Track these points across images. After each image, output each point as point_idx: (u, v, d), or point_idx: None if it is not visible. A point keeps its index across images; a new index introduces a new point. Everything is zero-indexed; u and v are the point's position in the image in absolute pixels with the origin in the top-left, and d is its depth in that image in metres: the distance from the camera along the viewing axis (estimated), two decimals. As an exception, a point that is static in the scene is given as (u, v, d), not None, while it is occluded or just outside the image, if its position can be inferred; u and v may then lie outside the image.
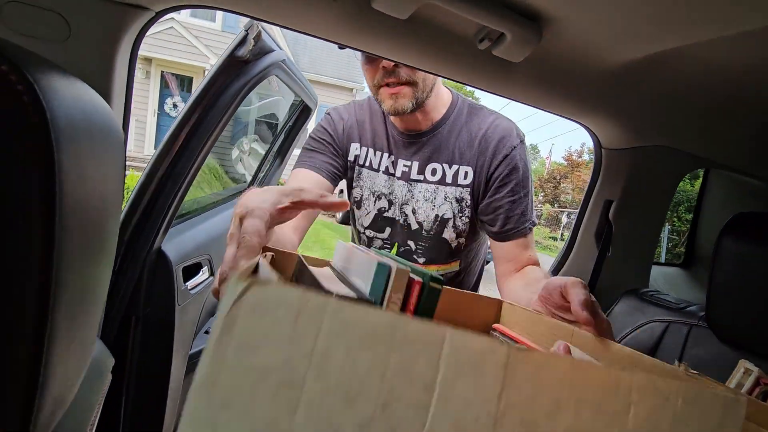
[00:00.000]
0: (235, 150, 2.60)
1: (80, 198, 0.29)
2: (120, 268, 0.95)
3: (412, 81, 0.87)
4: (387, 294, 0.40)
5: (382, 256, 0.52)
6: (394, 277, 0.40)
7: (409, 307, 0.41)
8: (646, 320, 1.11)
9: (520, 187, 0.94)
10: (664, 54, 0.77)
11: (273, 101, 2.13)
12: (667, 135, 1.07)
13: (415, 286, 0.41)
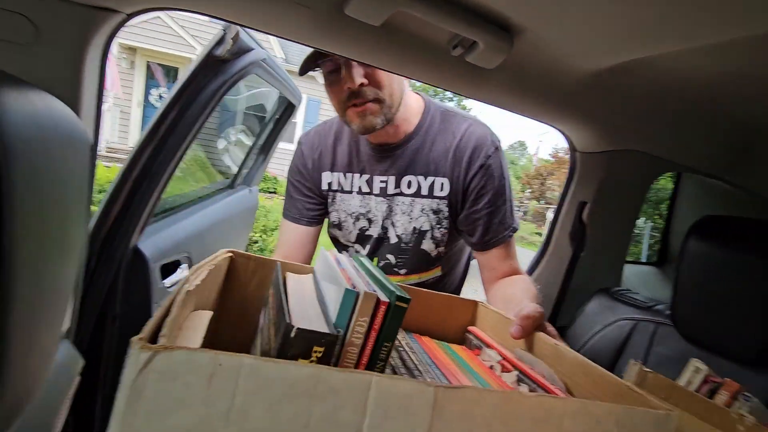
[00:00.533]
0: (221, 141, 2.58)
1: (35, 208, 0.29)
2: (95, 267, 0.95)
3: (379, 98, 0.86)
4: (353, 318, 0.41)
5: (359, 268, 0.54)
6: (360, 303, 0.41)
7: (374, 327, 0.42)
8: (616, 318, 1.15)
9: (498, 196, 0.93)
10: (632, 63, 0.79)
11: (263, 92, 2.11)
12: (638, 140, 1.10)
13: (381, 307, 0.42)
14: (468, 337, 0.75)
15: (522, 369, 0.58)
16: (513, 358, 0.62)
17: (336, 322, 0.43)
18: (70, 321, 0.72)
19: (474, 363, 0.65)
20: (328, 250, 0.63)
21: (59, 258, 0.37)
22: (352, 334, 0.42)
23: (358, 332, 0.42)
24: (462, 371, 0.60)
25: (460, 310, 0.77)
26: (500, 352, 0.64)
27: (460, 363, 0.64)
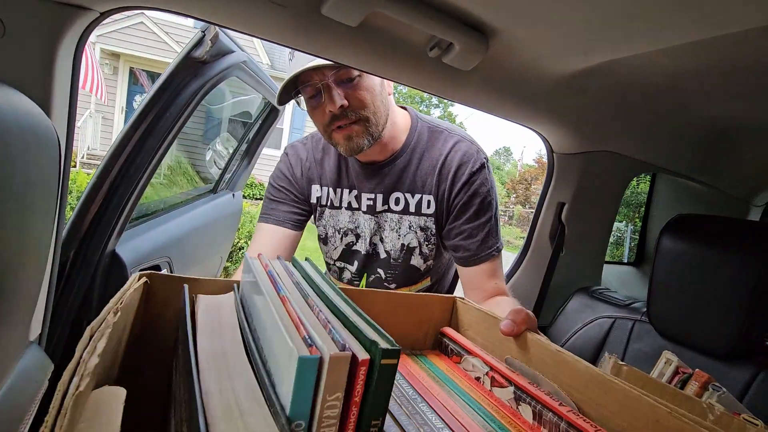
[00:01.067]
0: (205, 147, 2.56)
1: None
2: (70, 272, 0.93)
3: (363, 118, 0.84)
4: (319, 401, 0.29)
5: (307, 287, 0.43)
6: (327, 374, 0.29)
7: (354, 400, 0.31)
8: (595, 317, 1.17)
9: (482, 213, 0.91)
10: (604, 65, 0.81)
11: (248, 99, 2.10)
12: (613, 141, 1.12)
13: (360, 369, 0.30)
14: (442, 341, 0.69)
15: (519, 384, 0.52)
16: (503, 368, 0.56)
17: (291, 411, 0.29)
18: (41, 326, 0.71)
19: (457, 376, 0.59)
20: (253, 256, 0.52)
21: (18, 260, 0.36)
22: (320, 427, 0.30)
23: (328, 421, 0.30)
24: (446, 393, 0.53)
25: (437, 310, 0.75)
26: (486, 361, 0.58)
27: (441, 380, 0.57)
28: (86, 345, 0.36)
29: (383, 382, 0.31)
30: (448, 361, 0.66)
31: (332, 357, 0.29)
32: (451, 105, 34.21)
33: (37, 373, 0.56)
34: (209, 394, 0.30)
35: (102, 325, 0.39)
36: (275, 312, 0.35)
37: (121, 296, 0.45)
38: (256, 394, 0.31)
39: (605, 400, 0.51)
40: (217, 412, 0.29)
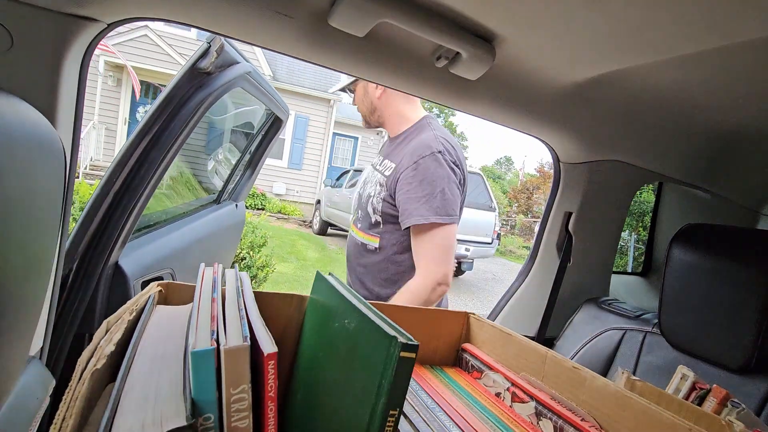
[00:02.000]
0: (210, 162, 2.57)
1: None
2: (72, 284, 0.92)
3: (360, 111, 1.31)
4: (224, 390, 0.29)
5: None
6: (225, 365, 0.29)
7: (268, 395, 0.31)
8: (605, 328, 1.15)
9: (418, 188, 1.08)
10: (612, 75, 0.81)
11: (250, 110, 2.11)
12: (620, 150, 1.12)
13: (267, 363, 0.30)
14: (463, 357, 0.69)
15: (540, 399, 0.52)
16: (524, 383, 0.56)
17: (197, 403, 0.29)
18: (42, 340, 0.69)
19: (477, 391, 0.59)
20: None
21: (23, 272, 0.35)
22: (230, 421, 0.29)
23: (239, 414, 0.29)
24: (465, 405, 0.54)
25: (449, 325, 0.75)
26: (507, 377, 0.58)
27: (460, 393, 0.58)
28: (103, 335, 0.39)
29: (401, 374, 0.34)
30: (467, 376, 0.66)
31: (227, 350, 0.29)
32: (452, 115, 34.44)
33: (38, 390, 0.54)
34: (130, 391, 0.31)
35: (119, 321, 0.42)
36: (197, 310, 0.37)
37: (137, 299, 0.48)
38: (178, 386, 0.32)
39: (623, 417, 0.49)
40: (132, 404, 0.29)
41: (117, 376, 0.40)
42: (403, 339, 0.35)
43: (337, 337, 0.48)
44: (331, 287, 0.55)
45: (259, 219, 4.79)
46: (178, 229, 1.40)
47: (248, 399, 0.30)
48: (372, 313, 0.44)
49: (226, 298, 0.44)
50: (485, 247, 6.47)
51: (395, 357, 0.35)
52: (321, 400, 0.48)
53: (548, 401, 0.54)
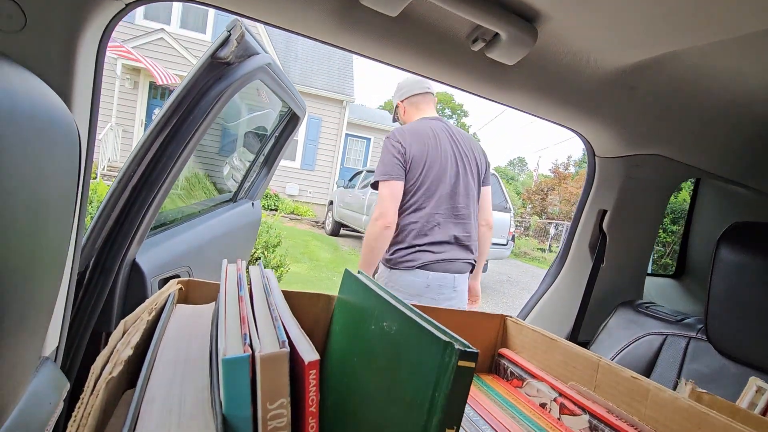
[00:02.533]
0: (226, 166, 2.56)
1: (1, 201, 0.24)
2: (89, 281, 0.89)
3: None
4: (260, 404, 0.25)
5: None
6: (261, 375, 0.25)
7: (309, 410, 0.27)
8: (643, 333, 1.08)
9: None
10: (659, 58, 0.75)
11: (263, 114, 2.10)
12: (660, 143, 1.05)
13: (309, 373, 0.26)
14: (500, 363, 0.64)
15: (595, 412, 0.47)
16: (575, 394, 0.51)
17: (228, 418, 0.24)
18: (57, 339, 0.66)
19: (520, 401, 0.54)
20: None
21: (31, 267, 0.31)
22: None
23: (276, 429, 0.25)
24: (510, 417, 0.49)
25: (484, 328, 0.70)
26: (553, 386, 0.53)
27: (502, 403, 0.53)
28: (120, 337, 0.36)
29: (459, 386, 0.29)
30: (506, 384, 0.60)
31: (264, 357, 0.24)
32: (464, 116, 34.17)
33: (52, 393, 0.50)
34: (151, 401, 0.27)
35: (137, 322, 0.39)
36: (223, 310, 0.33)
37: (156, 298, 0.45)
38: (204, 398, 0.28)
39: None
40: (152, 418, 0.26)
41: (135, 382, 0.36)
42: (460, 345, 0.31)
43: (375, 341, 0.44)
44: (363, 286, 0.51)
45: (274, 219, 4.79)
46: (195, 227, 1.37)
47: (287, 415, 0.26)
48: (416, 315, 0.39)
49: (253, 296, 0.40)
50: (500, 248, 6.36)
51: (452, 366, 0.30)
52: (357, 410, 0.43)
53: (605, 415, 0.49)
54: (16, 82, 0.29)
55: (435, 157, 1.55)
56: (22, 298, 0.31)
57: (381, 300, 0.45)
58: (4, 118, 0.25)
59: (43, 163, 0.32)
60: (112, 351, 0.32)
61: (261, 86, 1.25)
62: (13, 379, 0.34)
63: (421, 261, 1.53)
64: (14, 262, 0.28)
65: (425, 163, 1.54)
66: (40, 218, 0.31)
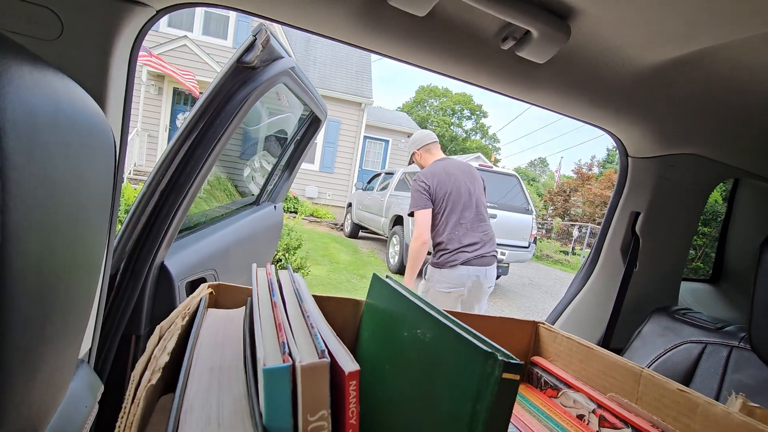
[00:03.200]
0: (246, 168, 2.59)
1: (40, 202, 0.24)
2: (119, 284, 0.91)
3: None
4: (300, 416, 0.24)
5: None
6: (302, 386, 0.23)
7: (349, 422, 0.26)
8: (680, 341, 1.03)
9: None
10: (697, 54, 0.71)
11: (284, 118, 2.12)
12: (697, 142, 1.00)
13: (349, 384, 0.25)
14: (533, 371, 0.62)
15: (638, 425, 0.44)
16: (614, 406, 0.49)
17: (269, 424, 0.24)
18: (90, 342, 0.67)
19: (555, 412, 0.52)
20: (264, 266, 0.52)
21: (71, 272, 0.31)
22: None
23: None
24: (546, 429, 0.47)
25: (515, 334, 0.68)
26: (592, 397, 0.51)
27: (537, 413, 0.51)
28: (156, 343, 0.36)
29: (503, 400, 0.28)
30: (540, 394, 0.58)
31: (305, 367, 0.24)
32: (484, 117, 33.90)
33: (87, 396, 0.51)
34: (189, 410, 0.27)
35: (172, 327, 0.39)
36: (258, 317, 0.32)
37: (188, 302, 0.45)
38: (242, 408, 0.28)
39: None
40: (192, 427, 0.25)
41: (170, 388, 0.36)
42: (503, 356, 0.29)
43: (409, 349, 0.42)
44: (393, 291, 0.49)
45: (294, 222, 4.83)
46: (220, 230, 1.39)
47: (328, 428, 0.25)
48: (452, 323, 0.37)
49: (286, 302, 0.39)
50: (522, 251, 6.24)
51: (495, 379, 0.28)
52: (391, 420, 0.42)
53: (649, 429, 0.46)
54: (58, 88, 0.29)
55: (451, 187, 2.18)
56: (64, 304, 0.31)
57: (413, 306, 0.44)
58: (48, 125, 0.25)
59: (84, 168, 0.32)
60: (150, 357, 0.32)
61: (281, 90, 1.26)
62: (56, 383, 0.34)
63: (461, 259, 2.12)
64: (57, 268, 0.28)
65: (445, 193, 2.18)
66: (80, 224, 0.31)
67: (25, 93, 0.22)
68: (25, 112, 0.21)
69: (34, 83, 0.23)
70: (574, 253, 12.10)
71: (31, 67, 0.24)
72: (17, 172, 0.20)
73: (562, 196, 14.73)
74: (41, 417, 0.32)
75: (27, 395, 0.28)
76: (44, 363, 0.28)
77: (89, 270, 0.38)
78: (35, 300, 0.23)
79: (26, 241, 0.22)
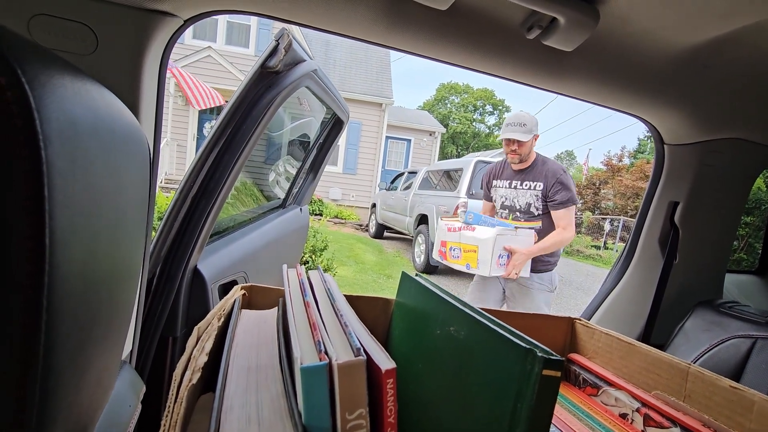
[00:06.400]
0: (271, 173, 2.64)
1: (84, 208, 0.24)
2: (156, 288, 0.94)
3: (519, 154, 1.99)
4: (338, 414, 0.24)
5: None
6: (339, 384, 0.23)
7: (387, 421, 0.25)
8: (727, 336, 0.98)
9: (562, 192, 1.95)
10: (738, 32, 0.67)
11: (306, 122, 2.14)
12: (741, 126, 0.95)
13: (386, 382, 0.25)
14: (571, 369, 0.60)
15: (687, 425, 0.42)
16: (660, 404, 0.47)
17: (309, 428, 0.24)
18: (131, 344, 0.70)
19: (597, 411, 0.50)
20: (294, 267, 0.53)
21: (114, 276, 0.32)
22: None
23: None
24: (588, 428, 0.46)
25: (551, 331, 0.66)
26: (635, 395, 0.49)
27: (577, 413, 0.49)
28: (195, 344, 0.37)
29: (545, 397, 0.27)
30: (579, 392, 0.56)
31: (342, 366, 0.24)
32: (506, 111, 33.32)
33: (131, 396, 0.53)
34: (229, 410, 0.28)
35: (209, 327, 0.40)
36: (292, 317, 0.33)
37: (223, 304, 0.46)
38: (280, 407, 0.28)
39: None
40: (233, 426, 0.26)
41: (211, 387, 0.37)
42: (542, 353, 0.28)
43: (442, 347, 0.42)
44: (423, 289, 0.49)
45: (319, 223, 4.89)
46: (248, 234, 1.41)
47: (366, 426, 0.25)
48: (486, 320, 0.37)
49: (318, 302, 0.39)
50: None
51: (536, 375, 0.27)
52: (426, 419, 0.41)
53: (700, 428, 0.44)
54: (96, 98, 0.29)
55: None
56: (108, 307, 0.32)
57: (445, 303, 0.43)
58: (88, 132, 0.25)
59: (122, 175, 0.33)
60: (190, 357, 0.32)
61: (302, 95, 1.27)
62: (103, 383, 0.35)
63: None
64: (100, 272, 0.29)
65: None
66: (120, 230, 0.32)
67: (67, 103, 0.23)
68: (67, 121, 0.22)
69: (74, 93, 0.24)
70: (606, 247, 11.70)
71: (71, 78, 0.25)
72: (62, 179, 0.20)
73: (592, 189, 14.27)
74: (90, 416, 0.33)
75: (77, 395, 0.29)
76: (92, 364, 0.28)
77: (129, 274, 0.40)
78: (82, 303, 0.24)
79: (71, 246, 0.22)
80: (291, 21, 0.64)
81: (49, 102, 0.20)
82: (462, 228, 2.05)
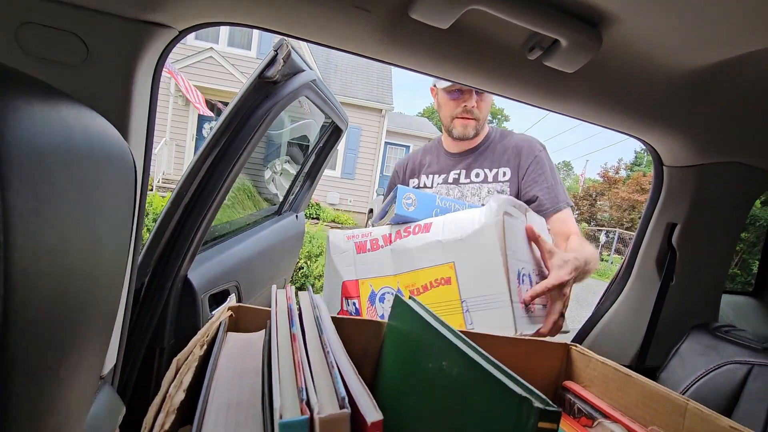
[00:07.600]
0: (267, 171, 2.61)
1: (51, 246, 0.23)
2: (144, 298, 0.92)
3: (477, 118, 1.23)
4: None
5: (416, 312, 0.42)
6: None
7: None
8: (723, 361, 0.96)
9: (545, 179, 1.20)
10: (740, 58, 0.67)
11: (305, 123, 2.13)
12: (741, 150, 0.94)
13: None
14: (565, 397, 0.60)
15: None
16: None
17: None
18: (114, 358, 0.67)
19: None
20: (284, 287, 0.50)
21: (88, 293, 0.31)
22: None
23: None
24: None
25: (546, 358, 0.64)
26: (631, 429, 0.48)
27: None
28: (172, 379, 0.35)
29: None
30: (573, 422, 0.55)
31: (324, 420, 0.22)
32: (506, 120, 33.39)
33: (109, 420, 0.51)
34: None
35: (189, 358, 0.38)
36: (276, 354, 0.31)
37: (207, 329, 0.44)
38: None
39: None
40: None
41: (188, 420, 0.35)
42: (538, 402, 0.26)
43: (435, 383, 0.40)
44: (415, 316, 0.47)
45: (316, 229, 4.87)
46: (242, 241, 1.39)
47: None
48: (481, 357, 0.35)
49: (305, 333, 0.38)
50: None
51: (530, 428, 0.26)
52: None
53: None
54: (71, 121, 0.28)
55: None
56: (81, 338, 0.30)
57: (437, 334, 0.41)
58: (60, 164, 0.24)
59: (99, 201, 0.31)
60: (165, 396, 0.30)
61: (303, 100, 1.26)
62: (77, 407, 0.34)
63: None
64: (73, 305, 0.27)
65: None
66: (96, 256, 0.31)
67: (33, 131, 0.21)
68: (33, 156, 0.20)
69: (43, 123, 0.22)
70: (602, 259, 11.71)
71: (41, 105, 0.23)
72: (23, 221, 0.19)
73: (588, 200, 14.32)
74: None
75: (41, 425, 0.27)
76: (57, 406, 0.27)
77: (108, 292, 0.38)
78: (45, 348, 0.23)
79: (35, 288, 0.21)
80: (290, 35, 0.63)
81: (11, 138, 0.18)
82: (392, 235, 0.94)
